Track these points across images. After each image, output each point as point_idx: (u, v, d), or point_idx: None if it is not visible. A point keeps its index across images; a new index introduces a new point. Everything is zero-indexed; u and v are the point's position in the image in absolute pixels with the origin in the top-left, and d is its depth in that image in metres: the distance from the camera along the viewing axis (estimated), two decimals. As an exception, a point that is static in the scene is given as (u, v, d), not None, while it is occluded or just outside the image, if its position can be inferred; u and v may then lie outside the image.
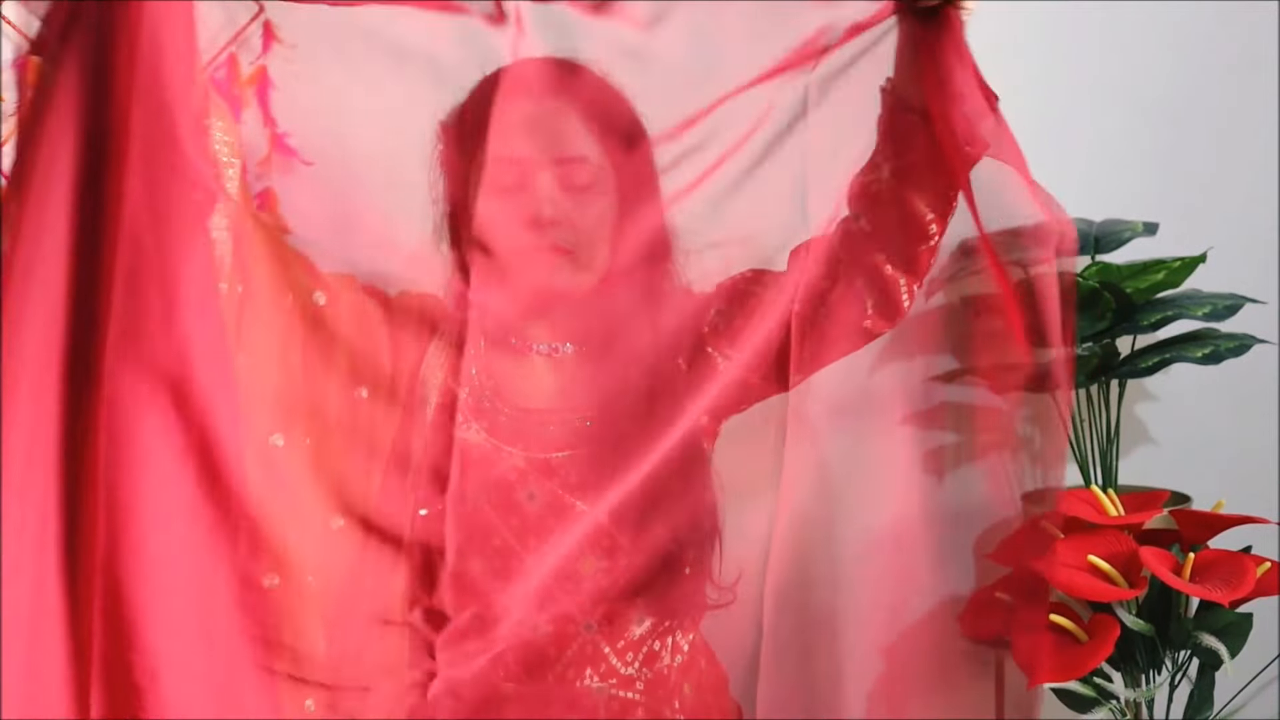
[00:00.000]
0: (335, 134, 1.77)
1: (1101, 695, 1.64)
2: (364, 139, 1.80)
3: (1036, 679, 1.56)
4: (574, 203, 1.43)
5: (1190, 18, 2.07)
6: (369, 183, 1.84)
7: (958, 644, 1.78)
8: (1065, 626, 1.60)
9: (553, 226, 1.41)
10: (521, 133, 1.43)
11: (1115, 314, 1.84)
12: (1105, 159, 2.08)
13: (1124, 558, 1.62)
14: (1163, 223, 1.95)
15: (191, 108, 1.25)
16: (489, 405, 1.46)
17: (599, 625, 1.45)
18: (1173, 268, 1.88)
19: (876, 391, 2.04)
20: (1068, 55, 2.05)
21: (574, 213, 1.43)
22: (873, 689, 2.07)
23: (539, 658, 1.43)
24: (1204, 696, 1.71)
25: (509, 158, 1.42)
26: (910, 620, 2.08)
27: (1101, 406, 1.92)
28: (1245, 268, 2.05)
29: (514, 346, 1.48)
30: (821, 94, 1.44)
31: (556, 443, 1.45)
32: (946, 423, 2.08)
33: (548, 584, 1.41)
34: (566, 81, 1.44)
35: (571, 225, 1.42)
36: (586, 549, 1.42)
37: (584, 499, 1.42)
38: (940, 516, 2.09)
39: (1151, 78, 2.08)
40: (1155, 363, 1.87)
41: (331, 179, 1.65)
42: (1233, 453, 2.13)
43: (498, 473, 1.43)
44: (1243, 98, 2.11)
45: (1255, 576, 1.59)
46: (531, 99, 1.44)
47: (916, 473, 2.08)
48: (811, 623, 1.66)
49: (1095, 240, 1.92)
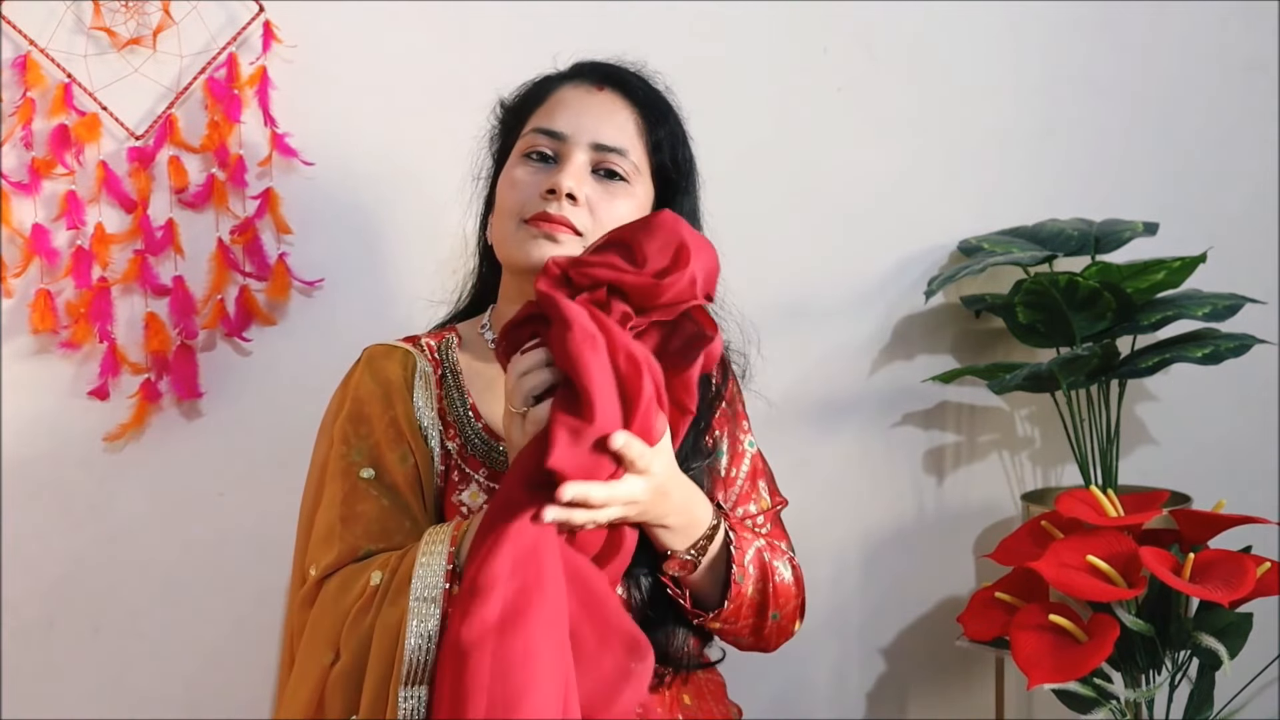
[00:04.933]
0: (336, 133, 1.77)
1: (1101, 695, 1.64)
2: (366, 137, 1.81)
3: (1036, 679, 1.56)
4: (602, 190, 1.42)
5: (1190, 18, 2.08)
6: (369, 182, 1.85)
7: (957, 644, 1.78)
8: (1065, 626, 1.60)
9: (571, 202, 1.40)
10: (571, 111, 1.43)
11: (1115, 314, 1.84)
12: (1105, 159, 2.08)
13: (1124, 558, 1.62)
14: (1163, 223, 1.96)
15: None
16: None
17: None
18: (1173, 268, 1.88)
19: (877, 391, 2.05)
20: (1067, 55, 2.05)
21: (597, 199, 1.41)
22: (873, 689, 2.08)
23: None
24: (1204, 696, 1.71)
25: (551, 130, 1.42)
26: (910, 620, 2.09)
27: (1101, 406, 1.92)
28: (1245, 268, 2.05)
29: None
30: None
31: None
32: (946, 423, 2.09)
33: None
34: (628, 81, 1.46)
35: (591, 210, 1.41)
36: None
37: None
38: (940, 516, 2.09)
39: (1151, 78, 2.08)
40: (1155, 363, 1.87)
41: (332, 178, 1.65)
42: (1233, 453, 2.13)
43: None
44: (1243, 98, 2.11)
45: (1255, 576, 1.59)
46: (589, 85, 1.45)
47: (916, 473, 2.09)
48: (813, 624, 1.65)
49: (1095, 240, 1.93)
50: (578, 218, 1.39)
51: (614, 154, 1.41)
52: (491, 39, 1.85)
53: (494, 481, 1.44)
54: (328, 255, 1.85)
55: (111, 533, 1.84)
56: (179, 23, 1.78)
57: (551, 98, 1.45)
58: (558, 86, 1.46)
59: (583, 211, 1.39)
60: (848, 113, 1.99)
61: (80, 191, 1.78)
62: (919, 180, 2.02)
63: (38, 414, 1.81)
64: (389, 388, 1.44)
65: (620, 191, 1.41)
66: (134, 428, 1.81)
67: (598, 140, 1.41)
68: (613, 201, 1.41)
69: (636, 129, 1.43)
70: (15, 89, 1.75)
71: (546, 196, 1.39)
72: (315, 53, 1.82)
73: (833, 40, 1.97)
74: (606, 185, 1.41)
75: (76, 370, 1.81)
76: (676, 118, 1.48)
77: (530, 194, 1.40)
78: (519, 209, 1.41)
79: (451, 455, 1.45)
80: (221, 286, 1.82)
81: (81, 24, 1.76)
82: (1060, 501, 1.71)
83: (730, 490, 1.50)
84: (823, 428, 2.02)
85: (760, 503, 1.53)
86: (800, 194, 1.98)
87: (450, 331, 1.54)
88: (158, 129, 1.79)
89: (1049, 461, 2.13)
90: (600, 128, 1.42)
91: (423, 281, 1.79)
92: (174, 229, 1.80)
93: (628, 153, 1.41)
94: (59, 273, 1.79)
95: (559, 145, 1.41)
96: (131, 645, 1.86)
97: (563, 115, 1.43)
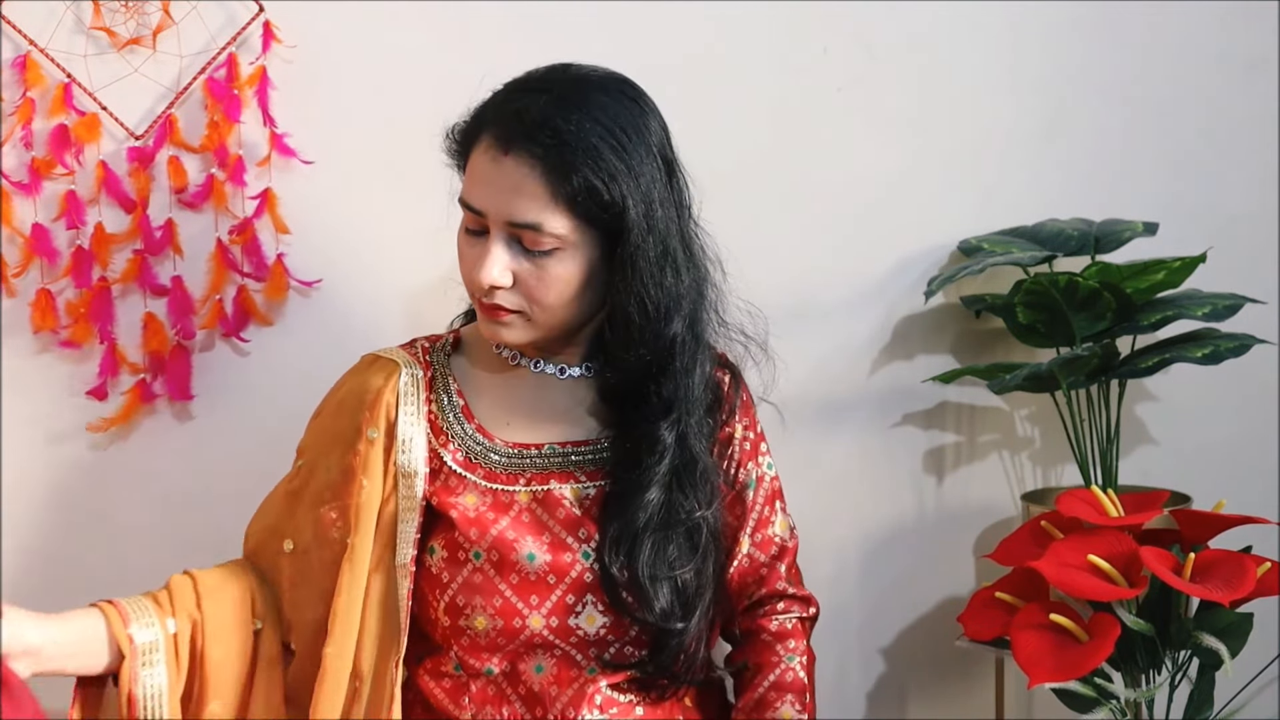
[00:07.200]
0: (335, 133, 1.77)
1: (1101, 695, 1.63)
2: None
3: (1036, 679, 1.56)
4: (530, 265, 1.37)
5: (1190, 18, 2.07)
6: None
7: (957, 644, 1.78)
8: (1065, 626, 1.60)
9: (501, 290, 1.38)
10: (482, 186, 1.38)
11: (1115, 314, 1.84)
12: (1105, 159, 2.08)
13: (1124, 558, 1.62)
14: (1163, 223, 1.96)
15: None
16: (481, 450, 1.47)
17: (601, 668, 1.45)
18: (1173, 268, 1.88)
19: (877, 391, 2.04)
20: (1067, 55, 2.05)
21: (526, 275, 1.38)
22: (873, 689, 2.08)
23: (537, 699, 1.43)
24: (1204, 696, 1.71)
25: (470, 206, 1.39)
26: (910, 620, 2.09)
27: (1101, 406, 1.92)
28: (1245, 268, 2.05)
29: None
30: None
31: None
32: (946, 423, 2.09)
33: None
34: (532, 136, 1.34)
35: (523, 290, 1.39)
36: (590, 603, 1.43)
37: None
38: (940, 516, 2.09)
39: (1151, 78, 2.08)
40: (1155, 363, 1.87)
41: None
42: (1233, 453, 2.13)
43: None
44: (1243, 98, 2.11)
45: (1255, 576, 1.59)
46: (496, 150, 1.36)
47: (916, 473, 2.08)
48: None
49: (1095, 240, 1.92)
50: (508, 300, 1.39)
51: (528, 230, 1.36)
52: (491, 39, 1.85)
53: (492, 483, 1.44)
54: (326, 255, 1.85)
55: (111, 532, 1.84)
56: (179, 23, 1.78)
57: (471, 159, 1.40)
58: (475, 143, 1.40)
59: (514, 294, 1.39)
60: (848, 113, 1.99)
61: (80, 191, 1.78)
62: (919, 180, 2.02)
63: (37, 413, 1.81)
64: (363, 400, 1.46)
65: (549, 263, 1.38)
66: (120, 423, 1.81)
67: (510, 219, 1.36)
68: (543, 274, 1.38)
69: (548, 192, 1.34)
70: (15, 89, 1.75)
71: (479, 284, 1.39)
72: (315, 53, 1.82)
73: (833, 40, 1.97)
74: (533, 260, 1.37)
75: (75, 370, 1.80)
76: (595, 151, 1.34)
77: (471, 274, 1.41)
78: (470, 285, 1.42)
79: (444, 461, 1.45)
80: (220, 286, 1.82)
81: (81, 24, 1.76)
82: (1060, 501, 1.71)
83: (749, 516, 1.53)
84: (823, 428, 2.02)
85: (780, 523, 1.56)
86: (800, 194, 1.98)
87: (452, 334, 1.55)
88: (157, 129, 1.79)
89: (1049, 461, 2.13)
90: (509, 205, 1.35)
91: (422, 282, 1.79)
92: (173, 229, 1.80)
93: (541, 225, 1.35)
94: (59, 273, 1.79)
95: (482, 221, 1.38)
96: (131, 645, 1.85)
97: (477, 190, 1.38)
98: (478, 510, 1.42)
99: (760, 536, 1.53)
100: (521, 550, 1.41)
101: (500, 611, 1.41)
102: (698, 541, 1.44)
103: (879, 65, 1.99)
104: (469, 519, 1.41)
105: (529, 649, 1.42)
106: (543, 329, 1.42)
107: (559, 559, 1.41)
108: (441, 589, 1.42)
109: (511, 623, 1.41)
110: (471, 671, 1.44)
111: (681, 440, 1.44)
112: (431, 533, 1.44)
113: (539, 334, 1.42)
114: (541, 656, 1.43)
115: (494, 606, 1.41)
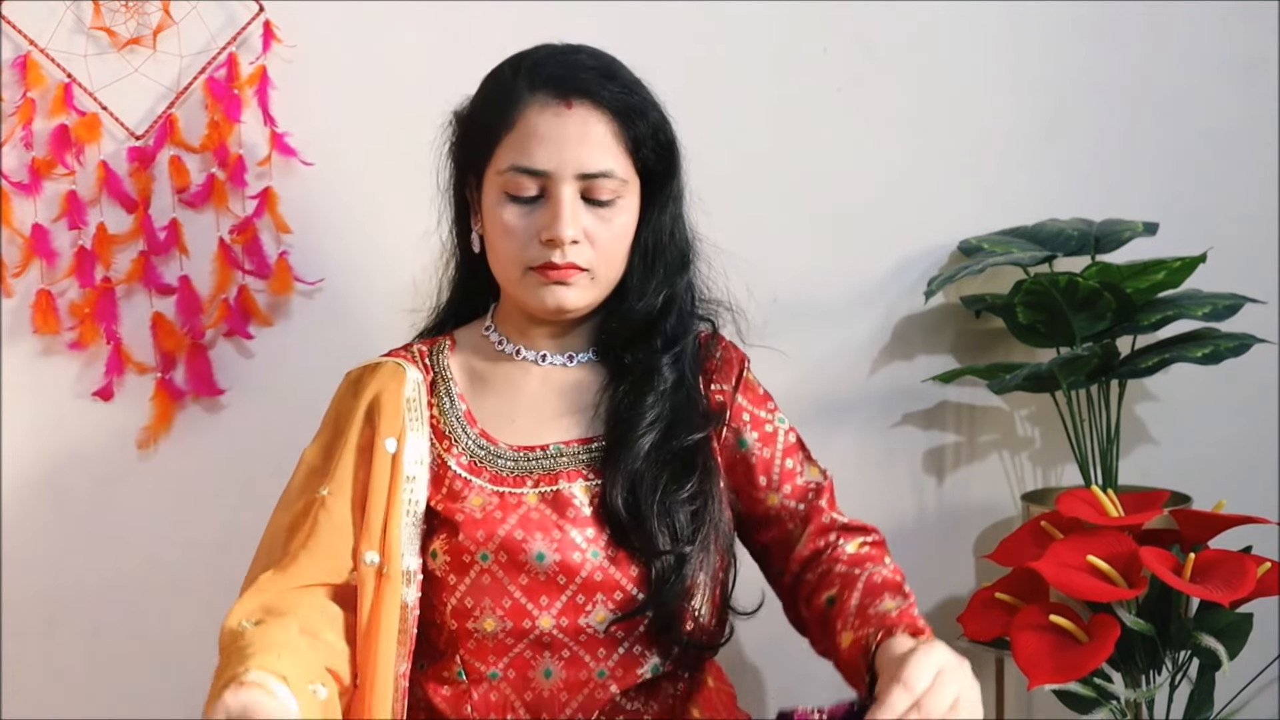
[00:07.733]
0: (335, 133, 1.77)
1: (1101, 695, 1.64)
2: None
3: (1036, 679, 1.56)
4: (596, 219, 1.39)
5: (1190, 18, 2.07)
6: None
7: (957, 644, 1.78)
8: (1065, 626, 1.60)
9: (573, 245, 1.38)
10: (547, 143, 1.36)
11: (1115, 314, 1.84)
12: (1105, 159, 2.08)
13: (1124, 558, 1.62)
14: (1163, 223, 1.96)
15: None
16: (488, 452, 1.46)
17: (610, 672, 1.44)
18: (1173, 268, 1.88)
19: (877, 391, 2.04)
20: (1067, 55, 2.05)
21: (594, 229, 1.39)
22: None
23: (544, 706, 1.42)
24: (1204, 696, 1.71)
25: (532, 169, 1.37)
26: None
27: (1101, 406, 1.92)
28: (1245, 268, 2.05)
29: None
30: None
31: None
32: (946, 423, 2.09)
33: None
34: (595, 87, 1.37)
35: (592, 243, 1.39)
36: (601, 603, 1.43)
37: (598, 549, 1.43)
38: (940, 516, 2.09)
39: (1151, 78, 2.08)
40: (1155, 363, 1.87)
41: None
42: (1233, 453, 2.13)
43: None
44: (1243, 98, 2.11)
45: (1255, 576, 1.59)
46: (556, 104, 1.37)
47: (916, 473, 2.09)
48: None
49: (1095, 240, 1.92)
50: (582, 256, 1.39)
51: (601, 179, 1.38)
52: (491, 39, 1.85)
53: (499, 485, 1.43)
54: (327, 254, 1.85)
55: (111, 532, 1.84)
56: (179, 23, 1.78)
57: (520, 123, 1.38)
58: (522, 106, 1.38)
59: (584, 248, 1.39)
60: (848, 113, 1.99)
61: (81, 191, 1.78)
62: (919, 180, 2.02)
63: (38, 413, 1.81)
64: (370, 411, 1.44)
65: (614, 213, 1.40)
66: (161, 429, 1.82)
67: (583, 170, 1.37)
68: (610, 225, 1.40)
69: (616, 139, 1.38)
70: (15, 89, 1.75)
71: (547, 244, 1.38)
72: (315, 53, 1.82)
73: (833, 40, 1.97)
74: (598, 212, 1.39)
75: (80, 371, 1.81)
76: (649, 100, 1.41)
77: (527, 241, 1.39)
78: (520, 257, 1.40)
79: (449, 466, 1.44)
80: (226, 286, 1.82)
81: (81, 24, 1.76)
82: (1060, 501, 1.71)
83: (772, 471, 1.51)
84: (823, 428, 2.01)
85: (808, 473, 1.54)
86: (800, 194, 1.98)
87: (445, 338, 1.53)
88: (158, 129, 1.79)
89: (1049, 461, 2.13)
90: (582, 156, 1.37)
91: (422, 281, 1.79)
92: (178, 229, 1.80)
93: (614, 172, 1.38)
94: (59, 273, 1.79)
95: (544, 182, 1.37)
96: (131, 645, 1.86)
97: (540, 149, 1.37)
98: (485, 511, 1.41)
99: (789, 487, 1.51)
100: (531, 550, 1.40)
101: (510, 613, 1.40)
102: (693, 466, 1.45)
103: (879, 65, 1.99)
104: (475, 521, 1.41)
105: (537, 649, 1.42)
106: (603, 286, 1.43)
107: (569, 559, 1.41)
108: (448, 592, 1.42)
109: (521, 624, 1.40)
110: (476, 676, 1.43)
111: (679, 375, 1.47)
112: (432, 536, 1.44)
113: (598, 294, 1.44)
114: (550, 659, 1.42)
115: (503, 608, 1.40)
